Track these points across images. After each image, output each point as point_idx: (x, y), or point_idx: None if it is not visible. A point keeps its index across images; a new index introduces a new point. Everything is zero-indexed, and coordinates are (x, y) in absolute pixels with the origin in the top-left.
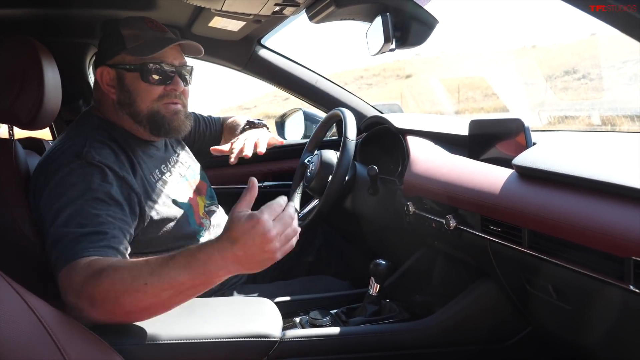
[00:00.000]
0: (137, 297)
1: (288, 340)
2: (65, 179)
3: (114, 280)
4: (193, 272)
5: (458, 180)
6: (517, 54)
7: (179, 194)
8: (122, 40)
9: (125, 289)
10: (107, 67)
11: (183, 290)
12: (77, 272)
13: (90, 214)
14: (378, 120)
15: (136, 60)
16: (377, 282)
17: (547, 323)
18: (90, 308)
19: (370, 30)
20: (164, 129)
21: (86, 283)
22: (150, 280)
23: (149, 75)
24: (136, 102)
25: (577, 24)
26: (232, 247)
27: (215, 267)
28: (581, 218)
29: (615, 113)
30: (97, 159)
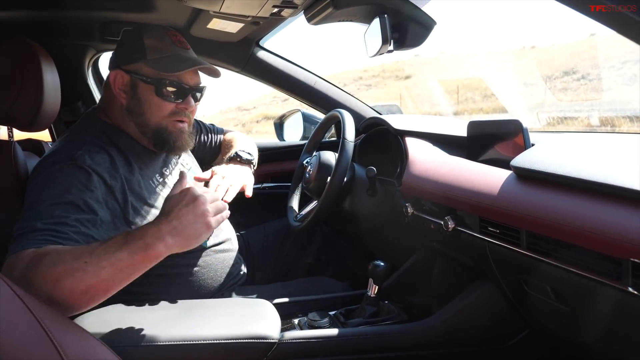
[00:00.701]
0: (77, 276)
1: (286, 341)
2: (50, 176)
3: (55, 261)
4: (131, 247)
5: (456, 181)
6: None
7: None
8: (144, 50)
9: (65, 269)
10: (122, 71)
11: (122, 268)
12: (18, 260)
13: (59, 215)
14: (377, 121)
15: (154, 73)
16: (375, 284)
17: (546, 324)
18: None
19: (368, 32)
20: (167, 145)
21: (26, 269)
22: (89, 259)
23: (164, 91)
24: (146, 114)
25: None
26: (166, 217)
27: (151, 240)
28: (579, 219)
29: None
30: (87, 162)
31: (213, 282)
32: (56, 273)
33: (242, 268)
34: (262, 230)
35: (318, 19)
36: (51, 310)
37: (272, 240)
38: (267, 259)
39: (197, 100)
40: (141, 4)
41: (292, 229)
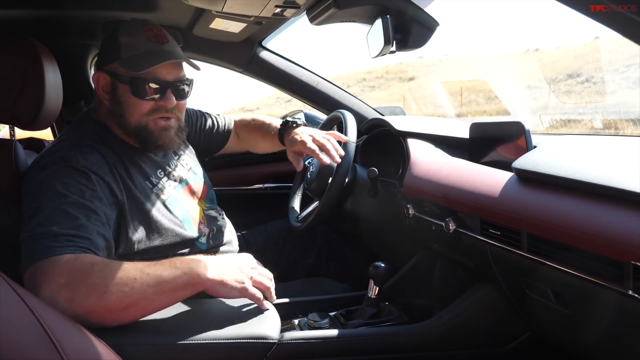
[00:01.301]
0: (124, 291)
1: (286, 342)
2: (46, 180)
3: (105, 273)
4: (179, 272)
5: (458, 183)
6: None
7: (176, 200)
8: (118, 48)
9: (115, 283)
10: (104, 73)
11: (165, 291)
12: (60, 266)
13: (70, 216)
14: (379, 122)
15: (128, 73)
16: (376, 285)
17: (547, 327)
18: (69, 303)
19: (371, 33)
20: (151, 143)
21: (72, 278)
22: (139, 276)
23: (139, 90)
24: (125, 114)
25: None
26: (217, 265)
27: (198, 268)
28: (581, 222)
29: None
30: (82, 163)
31: None
32: (106, 285)
33: None
34: (263, 230)
35: (320, 19)
36: (51, 309)
37: (273, 240)
38: (268, 260)
39: (181, 96)
40: (144, 4)
41: (293, 230)
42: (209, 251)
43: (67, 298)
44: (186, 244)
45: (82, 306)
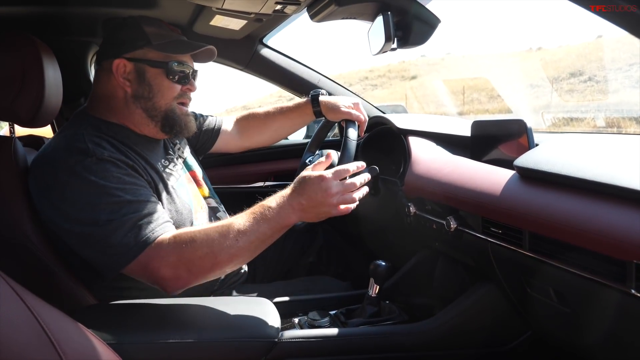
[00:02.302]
0: (232, 252)
1: (286, 340)
2: (86, 177)
3: (210, 243)
4: (271, 222)
5: (459, 181)
6: (522, 56)
7: (182, 187)
8: (146, 37)
9: (222, 249)
10: (125, 60)
11: (264, 240)
12: (166, 247)
13: (133, 201)
14: (380, 120)
15: (162, 57)
16: (376, 283)
17: (548, 326)
18: (188, 274)
19: (372, 30)
20: (176, 128)
21: (183, 254)
22: (241, 238)
23: (173, 73)
24: (156, 97)
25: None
26: (299, 197)
27: (286, 214)
28: (583, 220)
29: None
30: (106, 154)
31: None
32: (214, 252)
33: (243, 266)
34: None
35: (321, 16)
36: (50, 307)
37: None
38: (268, 258)
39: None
40: (144, 1)
41: (294, 228)
42: None
43: (186, 270)
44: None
45: (201, 273)
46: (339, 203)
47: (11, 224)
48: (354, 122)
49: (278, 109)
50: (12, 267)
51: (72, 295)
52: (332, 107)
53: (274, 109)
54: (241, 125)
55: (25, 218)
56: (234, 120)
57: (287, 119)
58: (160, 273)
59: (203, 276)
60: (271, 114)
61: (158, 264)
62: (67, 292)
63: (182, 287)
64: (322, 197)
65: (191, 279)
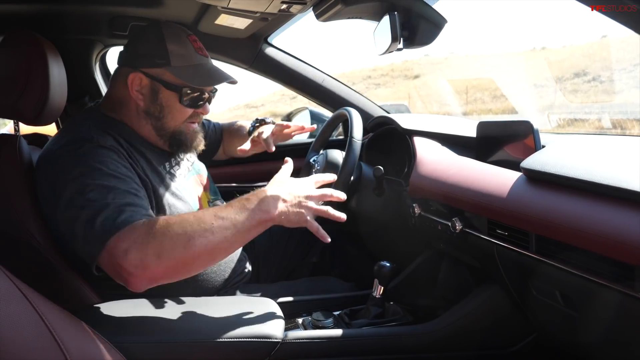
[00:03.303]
0: (207, 236)
1: (290, 341)
2: (82, 159)
3: (184, 225)
4: (251, 212)
5: (465, 182)
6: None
7: (187, 188)
8: (167, 56)
9: (195, 230)
10: (142, 74)
11: (242, 232)
12: (138, 229)
13: (122, 190)
14: (385, 120)
15: (179, 82)
16: (381, 284)
17: (553, 330)
18: (157, 261)
19: (378, 29)
20: (183, 146)
21: (153, 235)
22: (215, 222)
23: (187, 99)
24: (165, 118)
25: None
26: (279, 190)
27: (266, 207)
28: (591, 223)
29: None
30: (108, 143)
31: (217, 277)
32: (189, 234)
33: (246, 266)
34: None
35: (327, 16)
36: (54, 306)
37: (278, 238)
38: (272, 258)
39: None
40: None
41: (298, 227)
42: None
43: (154, 254)
44: None
45: (171, 258)
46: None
47: (16, 222)
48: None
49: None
50: (17, 265)
51: (76, 294)
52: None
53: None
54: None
55: (30, 216)
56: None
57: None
58: (126, 259)
59: (173, 266)
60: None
61: (125, 246)
62: (71, 291)
63: (149, 279)
64: (302, 193)
65: (159, 267)
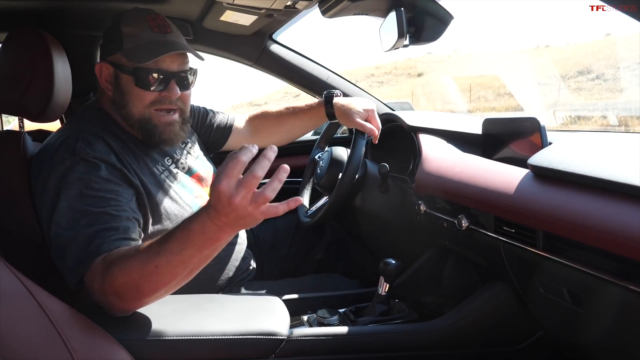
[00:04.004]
0: (153, 279)
1: (295, 338)
2: (62, 178)
3: (127, 271)
4: (196, 243)
5: (471, 179)
6: (530, 53)
7: (185, 187)
8: (121, 39)
9: (140, 276)
10: (107, 63)
11: (194, 262)
12: (95, 272)
13: (95, 212)
14: (390, 117)
15: (131, 64)
16: (386, 282)
17: (560, 327)
18: (118, 301)
19: (384, 26)
20: (154, 138)
21: (104, 280)
22: (159, 262)
23: (142, 81)
24: (128, 105)
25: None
26: (217, 214)
27: (212, 233)
28: (599, 220)
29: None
30: (91, 154)
31: (222, 275)
32: (132, 282)
33: (251, 263)
34: (272, 225)
35: (333, 12)
36: (60, 303)
37: (282, 235)
38: (276, 255)
39: (185, 86)
40: None
41: (302, 225)
42: None
43: (115, 298)
44: None
45: (130, 302)
46: (256, 203)
47: (20, 219)
48: (364, 134)
49: (290, 109)
50: (23, 262)
51: (81, 291)
52: (346, 112)
53: (286, 110)
54: (253, 124)
55: (33, 212)
56: (246, 119)
57: (298, 120)
58: (96, 298)
59: (135, 302)
60: (283, 115)
61: (92, 288)
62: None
63: (121, 311)
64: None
65: (124, 304)
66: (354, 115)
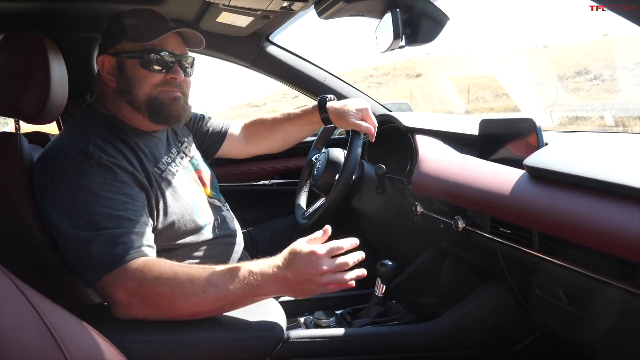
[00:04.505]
0: (193, 302)
1: (292, 340)
2: (77, 181)
3: (174, 284)
4: (248, 286)
5: (467, 180)
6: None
7: (184, 186)
8: (124, 29)
9: (184, 294)
10: (108, 55)
11: (233, 302)
12: (131, 274)
13: (115, 216)
14: (386, 118)
15: (136, 47)
16: (383, 283)
17: (557, 328)
18: (141, 305)
19: (380, 27)
20: (162, 114)
21: (143, 284)
22: (208, 290)
23: (148, 62)
24: (134, 88)
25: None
26: (286, 270)
27: (266, 284)
28: (594, 221)
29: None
30: (104, 158)
31: None
32: (173, 296)
33: None
34: (269, 227)
35: (329, 13)
36: (54, 306)
37: (280, 237)
38: (274, 256)
39: (187, 73)
40: None
41: (299, 226)
42: (215, 240)
43: (140, 302)
44: (196, 231)
45: (152, 311)
46: (329, 283)
47: (16, 221)
48: (360, 134)
49: (286, 115)
50: (17, 264)
51: (77, 293)
52: (340, 115)
53: (282, 115)
54: (248, 130)
55: (30, 214)
56: (241, 125)
57: (293, 125)
58: (115, 295)
59: (155, 313)
60: (278, 121)
61: (116, 287)
62: (71, 290)
63: (132, 316)
64: (311, 274)
65: (143, 311)
66: (349, 116)
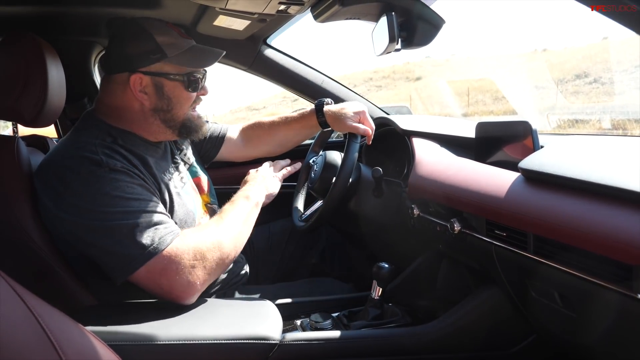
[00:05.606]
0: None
1: (288, 343)
2: (99, 188)
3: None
4: (250, 204)
5: (463, 183)
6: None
7: (186, 192)
8: (161, 49)
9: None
10: (141, 74)
11: (252, 221)
12: (181, 254)
13: (146, 211)
14: (384, 121)
15: (179, 69)
16: (379, 286)
17: (553, 331)
18: (204, 272)
19: (376, 30)
20: (194, 132)
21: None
22: (236, 224)
23: (192, 84)
24: (175, 109)
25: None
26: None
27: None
28: (589, 224)
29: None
30: (119, 165)
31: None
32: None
33: (244, 267)
34: (266, 229)
35: (325, 17)
36: (50, 308)
37: (277, 240)
38: (271, 259)
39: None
40: (148, 1)
41: (296, 229)
42: None
43: (202, 270)
44: None
45: (214, 270)
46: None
47: (13, 224)
48: (357, 137)
49: (283, 119)
50: (13, 266)
51: (73, 295)
52: (338, 118)
53: (280, 119)
54: (246, 134)
55: (28, 218)
56: (239, 129)
57: (291, 129)
58: (175, 281)
59: (216, 271)
60: (276, 124)
61: (172, 271)
62: (68, 292)
63: (198, 291)
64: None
65: (206, 278)
66: (346, 120)
